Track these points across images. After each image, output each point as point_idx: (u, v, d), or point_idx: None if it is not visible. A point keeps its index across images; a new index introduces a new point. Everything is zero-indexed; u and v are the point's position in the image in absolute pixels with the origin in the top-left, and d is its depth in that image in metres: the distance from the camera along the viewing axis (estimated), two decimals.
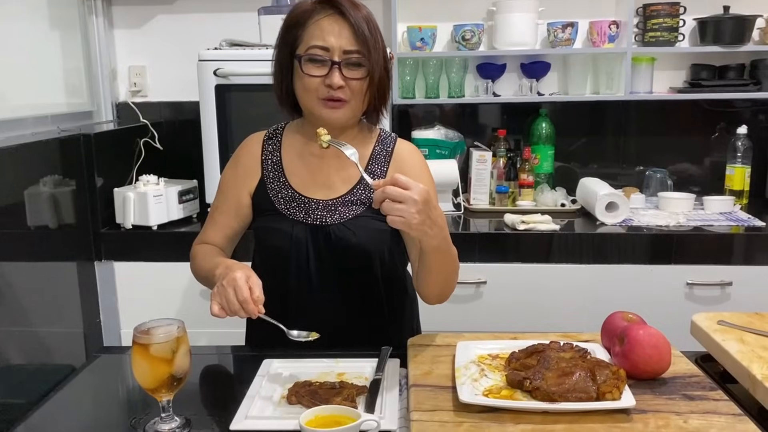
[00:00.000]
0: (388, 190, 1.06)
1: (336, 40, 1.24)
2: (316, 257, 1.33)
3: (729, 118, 2.62)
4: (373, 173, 1.36)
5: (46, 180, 2.00)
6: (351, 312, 1.37)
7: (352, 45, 1.24)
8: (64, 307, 2.11)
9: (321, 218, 1.33)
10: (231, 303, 1.13)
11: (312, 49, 1.25)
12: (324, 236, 1.33)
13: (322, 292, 1.35)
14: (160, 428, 1.02)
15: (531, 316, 2.17)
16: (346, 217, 1.33)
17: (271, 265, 1.37)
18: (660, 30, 2.46)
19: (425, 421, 0.97)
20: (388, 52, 1.32)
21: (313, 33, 1.25)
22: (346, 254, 1.32)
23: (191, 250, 1.44)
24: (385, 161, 1.38)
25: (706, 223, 2.25)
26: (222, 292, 1.14)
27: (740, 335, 1.19)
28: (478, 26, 2.49)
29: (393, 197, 1.06)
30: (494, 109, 2.71)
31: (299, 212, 1.34)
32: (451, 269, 1.30)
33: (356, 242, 1.32)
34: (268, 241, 1.37)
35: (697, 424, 0.95)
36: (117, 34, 2.70)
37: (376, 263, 1.36)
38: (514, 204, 2.48)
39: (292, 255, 1.34)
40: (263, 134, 1.43)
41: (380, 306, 1.39)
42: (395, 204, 1.07)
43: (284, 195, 1.36)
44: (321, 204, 1.34)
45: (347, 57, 1.24)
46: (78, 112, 2.54)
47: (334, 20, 1.25)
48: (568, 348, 1.13)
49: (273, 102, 1.38)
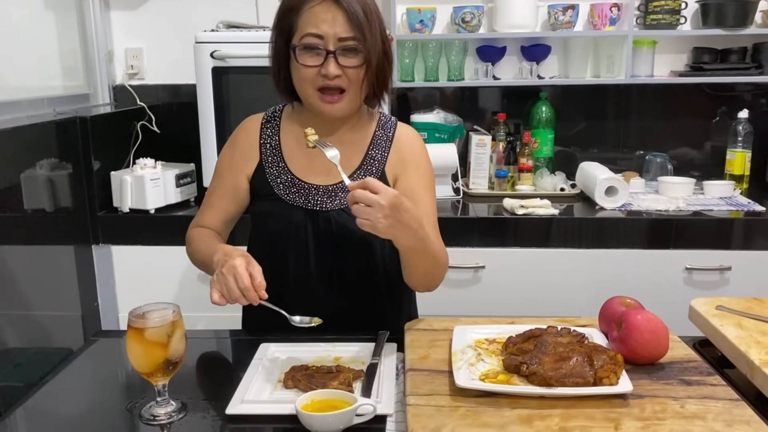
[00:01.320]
0: (357, 194, 1.08)
1: (330, 28, 1.21)
2: (315, 242, 1.33)
3: (730, 103, 2.61)
4: (374, 158, 1.36)
5: (43, 163, 1.99)
6: (348, 297, 1.36)
7: (346, 31, 1.21)
8: (61, 291, 2.11)
9: (321, 204, 1.33)
10: (231, 291, 1.11)
11: (306, 38, 1.23)
12: (324, 221, 1.32)
13: (319, 277, 1.34)
14: (155, 412, 1.02)
15: (529, 300, 2.17)
16: (346, 203, 1.32)
17: (269, 250, 1.35)
18: (662, 12, 2.43)
19: (422, 405, 0.96)
20: (387, 34, 1.30)
21: (307, 20, 1.23)
22: (345, 240, 1.32)
23: (187, 234, 1.43)
24: (386, 146, 1.37)
25: (706, 207, 2.24)
26: (222, 279, 1.12)
27: (738, 320, 1.19)
28: (478, 8, 2.46)
29: (361, 201, 1.08)
30: (494, 93, 2.70)
31: (299, 197, 1.33)
32: (432, 266, 1.28)
33: (355, 228, 1.30)
34: (267, 226, 1.36)
35: (694, 409, 0.95)
36: (113, 16, 2.67)
37: (375, 248, 1.35)
38: (514, 188, 2.47)
39: (291, 240, 1.33)
40: (261, 117, 1.41)
41: (378, 291, 1.39)
42: (364, 207, 1.08)
43: (283, 180, 1.34)
44: (321, 189, 1.33)
45: (342, 44, 1.22)
46: (74, 94, 2.52)
47: (327, 7, 1.21)
48: (565, 333, 1.12)
49: (270, 85, 1.36)
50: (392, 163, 1.36)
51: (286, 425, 0.98)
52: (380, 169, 1.36)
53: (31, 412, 1.06)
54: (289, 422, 0.98)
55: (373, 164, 1.35)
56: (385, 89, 1.32)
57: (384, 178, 1.35)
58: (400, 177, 1.36)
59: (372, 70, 1.25)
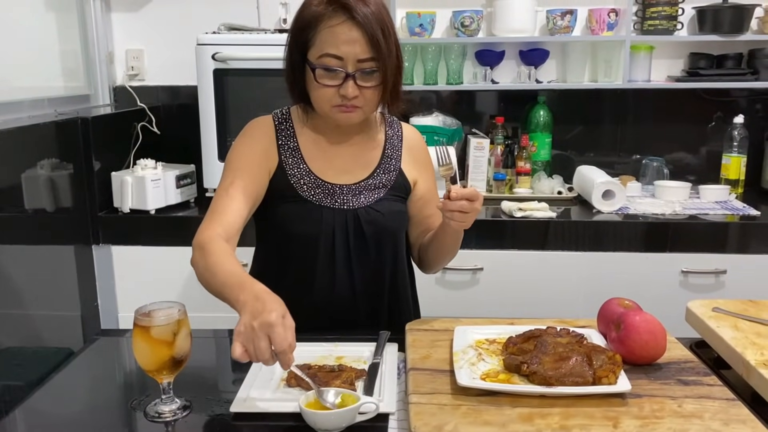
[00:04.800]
0: (466, 206, 1.22)
1: (350, 50, 1.20)
2: (343, 241, 1.34)
3: (726, 108, 2.63)
4: (390, 157, 1.41)
5: (44, 163, 2.00)
6: (370, 291, 1.38)
7: (366, 53, 1.21)
8: (61, 291, 2.11)
9: (347, 202, 1.35)
10: (262, 353, 0.94)
11: (324, 58, 1.22)
12: (353, 220, 1.34)
13: (345, 275, 1.35)
14: (160, 410, 1.03)
15: (528, 302, 2.18)
16: (371, 200, 1.36)
17: (295, 252, 1.35)
18: (659, 18, 2.46)
19: (424, 403, 0.98)
20: (400, 45, 1.29)
21: (326, 39, 1.21)
22: (373, 236, 1.35)
23: (200, 240, 1.19)
24: (398, 145, 1.43)
25: (702, 211, 2.26)
26: (252, 336, 0.94)
27: (734, 322, 1.20)
28: (477, 12, 2.48)
29: (467, 210, 1.22)
30: (492, 97, 2.71)
31: (325, 198, 1.34)
32: (458, 247, 1.42)
33: (384, 224, 1.35)
34: (294, 227, 1.33)
35: (691, 409, 0.96)
36: (114, 18, 2.68)
37: (399, 243, 1.41)
38: (511, 191, 2.49)
39: (320, 240, 1.33)
40: (271, 119, 1.39)
41: (397, 285, 1.42)
42: (463, 214, 1.23)
43: (307, 181, 1.34)
44: (345, 189, 1.35)
45: (361, 66, 1.22)
46: (75, 95, 2.53)
47: (348, 28, 1.20)
48: (564, 333, 1.14)
49: (271, 86, 1.38)
50: (406, 160, 1.43)
51: (290, 423, 0.99)
52: (398, 167, 1.41)
53: (32, 412, 1.07)
54: (292, 420, 0.99)
55: (391, 162, 1.40)
56: (397, 99, 1.33)
57: (402, 174, 1.41)
58: (419, 179, 1.44)
59: (388, 87, 1.26)
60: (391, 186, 1.38)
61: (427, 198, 1.44)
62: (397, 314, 1.41)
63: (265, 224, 1.39)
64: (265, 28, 2.41)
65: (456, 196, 1.21)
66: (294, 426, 0.98)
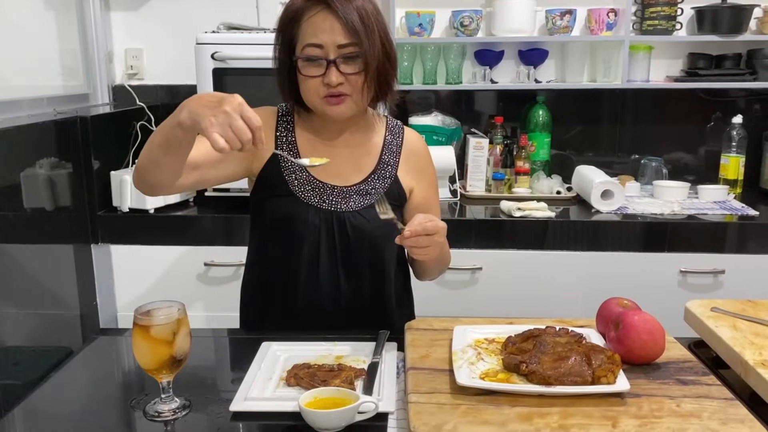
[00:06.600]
0: (421, 241, 1.18)
1: (329, 36, 1.22)
2: (328, 242, 1.34)
3: (724, 108, 2.63)
4: (387, 163, 1.39)
5: (43, 162, 1.99)
6: (356, 295, 1.37)
7: (345, 38, 1.22)
8: (60, 290, 2.11)
9: (335, 204, 1.34)
10: (244, 131, 0.98)
11: (307, 49, 1.24)
12: (338, 222, 1.33)
13: (329, 274, 1.35)
14: (160, 409, 1.03)
15: (526, 302, 2.19)
16: (361, 205, 1.35)
17: (280, 245, 1.35)
18: (658, 18, 2.46)
19: (423, 403, 0.98)
20: (389, 36, 1.30)
21: (306, 31, 1.24)
22: (357, 241, 1.34)
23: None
24: (396, 151, 1.41)
25: (700, 211, 2.27)
26: (228, 121, 0.99)
27: (733, 322, 1.21)
28: (477, 12, 2.49)
29: (423, 244, 1.19)
30: (491, 96, 2.72)
31: (314, 196, 1.34)
32: (443, 265, 1.46)
33: (370, 230, 1.34)
34: (281, 222, 1.34)
35: (690, 408, 0.96)
36: (113, 17, 2.68)
37: (386, 250, 1.38)
38: (510, 191, 2.49)
39: (305, 237, 1.33)
40: (276, 109, 1.39)
41: (382, 291, 1.40)
42: (422, 248, 1.20)
43: (299, 177, 1.34)
44: (336, 190, 1.35)
45: (342, 51, 1.23)
46: (74, 94, 2.53)
47: (324, 16, 1.22)
48: (563, 333, 1.14)
49: (271, 86, 1.37)
50: (404, 168, 1.40)
51: (289, 422, 0.99)
52: (393, 174, 1.39)
53: (32, 411, 1.07)
54: (292, 419, 0.99)
55: (387, 168, 1.38)
56: (389, 92, 1.33)
57: (397, 182, 1.39)
58: (415, 187, 1.42)
59: (372, 73, 1.26)
60: (384, 193, 1.36)
61: (423, 207, 1.41)
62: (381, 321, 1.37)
63: (256, 218, 1.40)
64: (264, 28, 2.41)
65: (409, 235, 1.17)
66: (293, 425, 0.98)
